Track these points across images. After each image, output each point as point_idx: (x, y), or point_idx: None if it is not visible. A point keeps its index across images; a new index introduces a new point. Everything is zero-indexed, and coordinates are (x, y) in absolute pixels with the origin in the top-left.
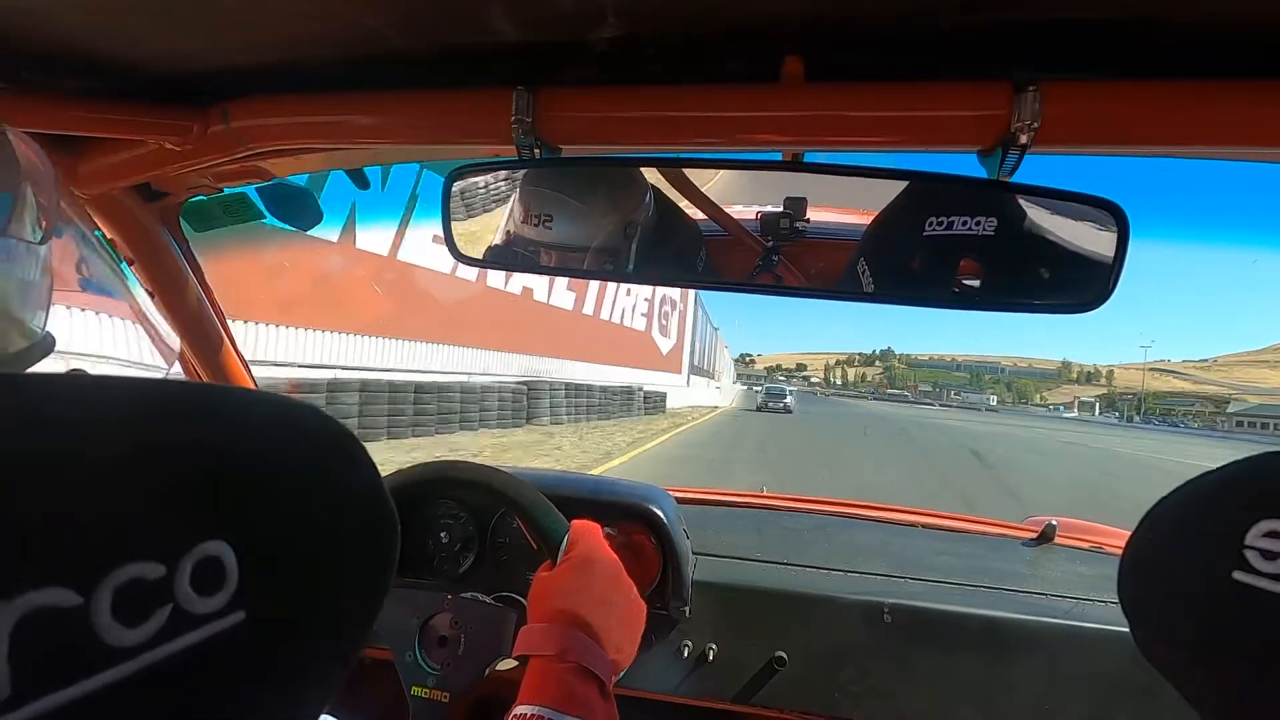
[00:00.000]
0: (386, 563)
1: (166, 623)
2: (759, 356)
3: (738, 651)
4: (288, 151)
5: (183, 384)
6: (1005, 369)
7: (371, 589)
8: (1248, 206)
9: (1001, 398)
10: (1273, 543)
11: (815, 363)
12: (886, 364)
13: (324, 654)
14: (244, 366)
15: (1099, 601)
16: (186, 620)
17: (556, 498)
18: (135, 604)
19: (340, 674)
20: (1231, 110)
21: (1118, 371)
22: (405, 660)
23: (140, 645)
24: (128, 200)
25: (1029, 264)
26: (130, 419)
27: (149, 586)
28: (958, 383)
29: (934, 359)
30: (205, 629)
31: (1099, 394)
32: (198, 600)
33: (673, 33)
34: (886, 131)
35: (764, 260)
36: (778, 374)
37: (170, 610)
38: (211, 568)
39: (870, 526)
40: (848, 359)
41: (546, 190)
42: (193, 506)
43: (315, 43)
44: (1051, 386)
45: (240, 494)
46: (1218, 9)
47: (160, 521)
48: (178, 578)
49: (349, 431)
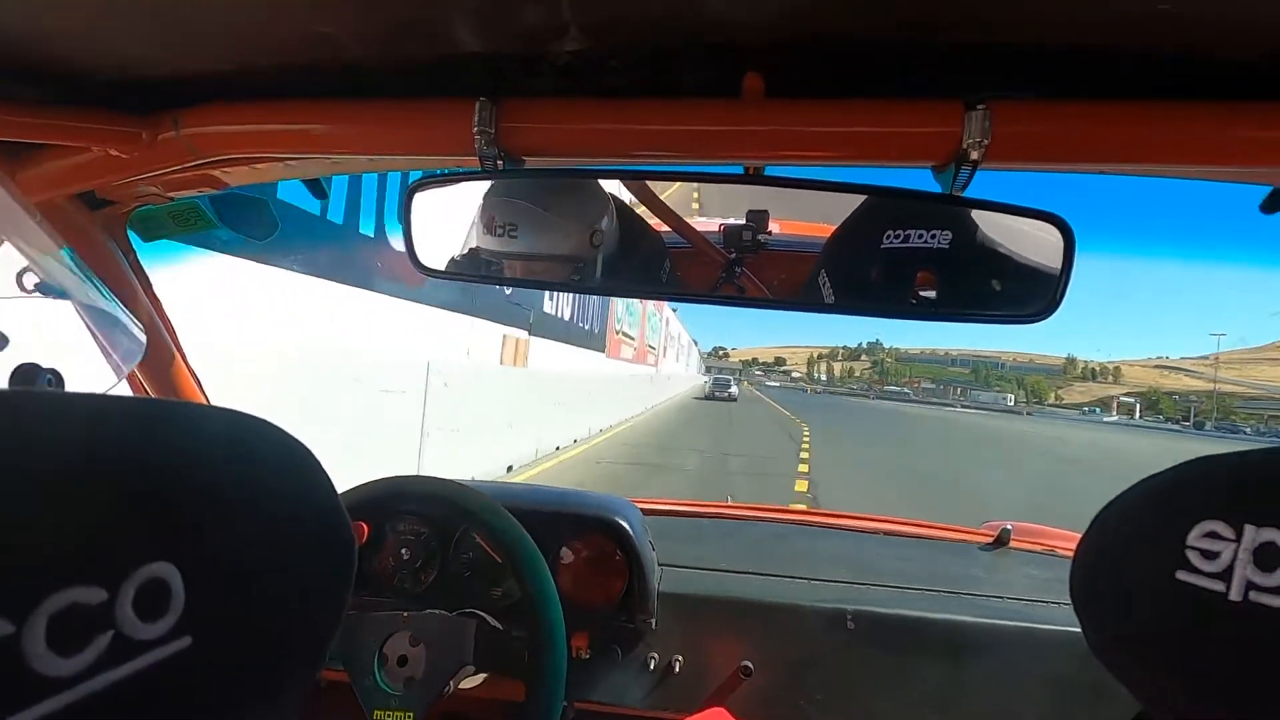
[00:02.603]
0: (343, 583)
1: (106, 650)
2: (733, 351)
3: (704, 662)
4: (242, 161)
5: (127, 399)
6: (1006, 364)
7: (327, 610)
8: (1189, 221)
9: (1015, 397)
10: (1212, 543)
11: (795, 357)
12: (875, 358)
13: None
14: (196, 382)
15: (1052, 603)
16: (129, 647)
17: (521, 510)
18: (72, 631)
19: (294, 699)
20: (1170, 130)
21: (1124, 369)
22: (364, 684)
23: (77, 675)
24: (70, 209)
25: (982, 276)
26: (69, 436)
27: (88, 612)
28: (960, 379)
29: (926, 353)
30: (149, 655)
31: (1119, 394)
32: (141, 626)
33: (636, 47)
34: (844, 147)
35: (727, 272)
36: (754, 369)
37: (111, 637)
38: (156, 591)
39: (833, 534)
40: (831, 353)
41: (510, 200)
42: (136, 527)
43: (271, 49)
44: (1061, 384)
45: (188, 514)
46: (1161, 33)
47: (101, 543)
48: (119, 602)
49: (305, 448)
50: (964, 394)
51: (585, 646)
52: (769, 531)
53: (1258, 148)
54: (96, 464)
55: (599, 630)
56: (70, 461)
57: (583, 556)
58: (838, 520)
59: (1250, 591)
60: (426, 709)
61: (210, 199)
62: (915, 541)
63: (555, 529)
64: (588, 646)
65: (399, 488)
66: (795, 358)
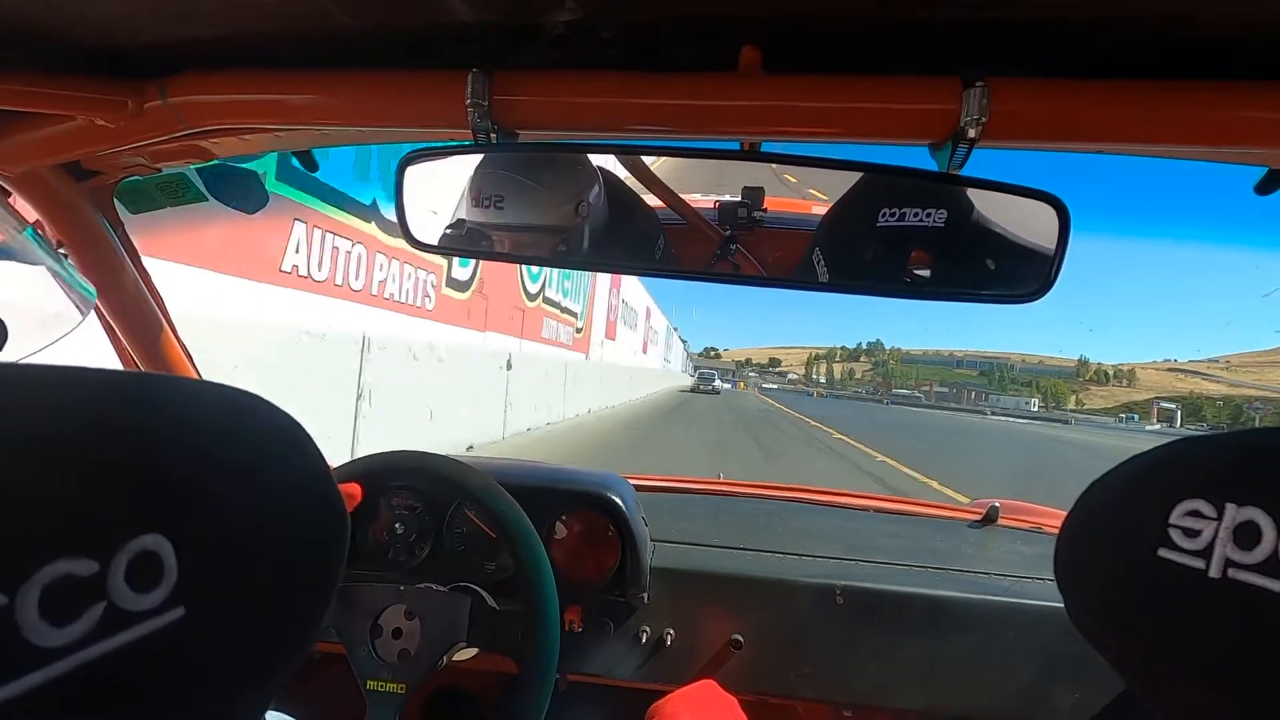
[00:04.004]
0: (336, 556)
1: (99, 621)
2: (725, 351)
3: (695, 636)
4: (230, 131)
5: (118, 372)
6: (1016, 365)
7: (321, 583)
8: (1190, 204)
9: (1038, 401)
10: (1194, 521)
11: (790, 358)
12: (876, 359)
13: (270, 651)
14: (186, 355)
15: (1037, 579)
16: (121, 618)
17: (515, 486)
18: (65, 602)
19: (287, 671)
20: (1167, 110)
21: (1138, 371)
22: (359, 654)
23: (70, 645)
24: (55, 179)
25: (976, 255)
26: (60, 408)
27: (80, 583)
28: (970, 381)
29: (930, 354)
30: (141, 627)
31: (1141, 398)
32: (133, 597)
33: (631, 18)
34: (840, 123)
35: (721, 249)
36: (748, 370)
37: (104, 608)
38: (148, 563)
39: (824, 511)
40: (828, 353)
41: (496, 171)
42: (128, 499)
43: (261, 17)
44: (1077, 387)
45: (179, 486)
46: (1159, 12)
47: (93, 515)
48: (111, 574)
49: (297, 422)
50: (981, 398)
51: (578, 620)
52: (760, 508)
53: (1255, 128)
54: (87, 437)
55: (592, 604)
56: (62, 434)
57: (576, 532)
58: (828, 497)
59: (1229, 569)
60: (420, 681)
61: (199, 171)
62: (904, 518)
63: (549, 505)
64: (580, 620)
65: (393, 462)
66: (790, 359)
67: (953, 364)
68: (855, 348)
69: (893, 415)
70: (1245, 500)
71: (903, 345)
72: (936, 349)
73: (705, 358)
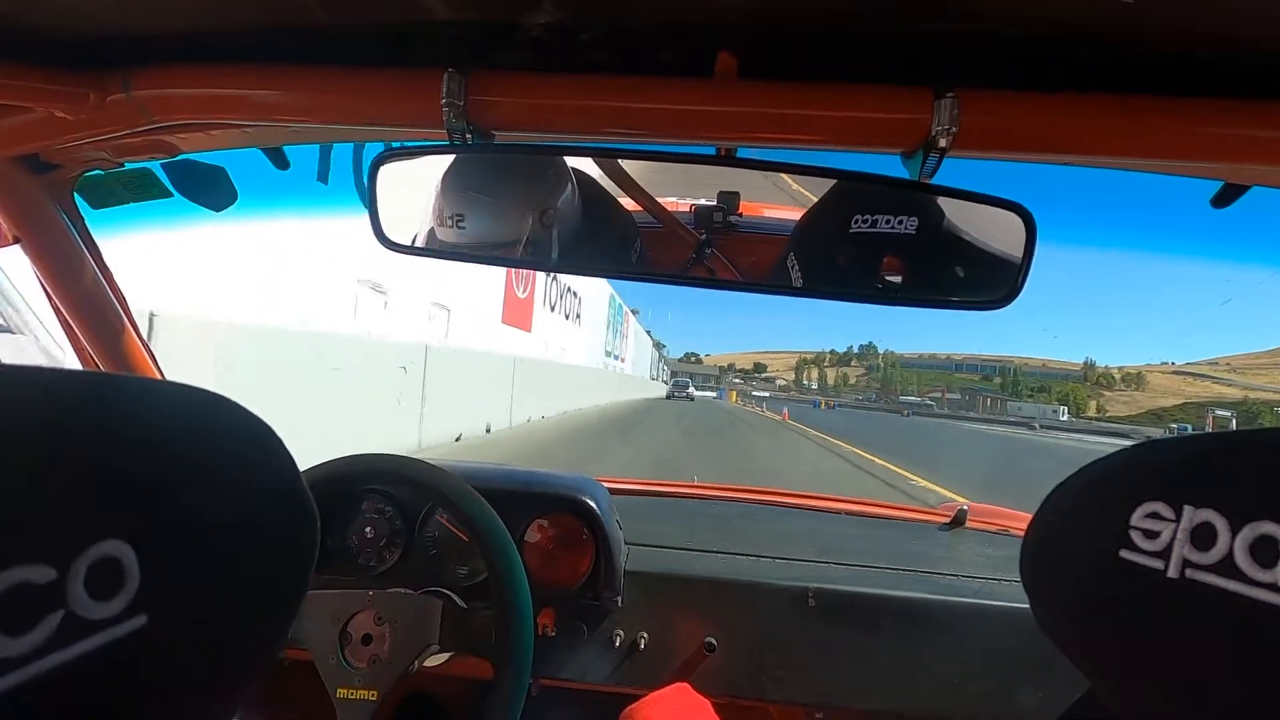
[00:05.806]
0: (305, 561)
1: (57, 630)
2: (707, 357)
3: (669, 639)
4: (197, 126)
5: (78, 373)
6: (1019, 369)
7: (290, 588)
8: (1152, 215)
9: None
10: (1153, 523)
11: (776, 362)
12: (868, 363)
13: (236, 659)
14: (149, 355)
15: (1004, 581)
16: (80, 626)
17: (488, 490)
18: (21, 611)
19: (253, 679)
20: (1130, 124)
21: (1146, 375)
22: (328, 663)
23: (26, 655)
24: (12, 172)
25: (946, 262)
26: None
27: (37, 591)
28: (978, 386)
29: (926, 357)
30: (101, 635)
31: (1175, 404)
32: (93, 605)
33: (609, 21)
34: (815, 130)
35: (697, 253)
36: (732, 376)
37: (61, 616)
38: (109, 569)
39: (797, 514)
40: (816, 358)
41: (456, 192)
42: (87, 504)
43: (230, 8)
44: (1091, 394)
45: (141, 489)
46: (1122, 29)
47: (50, 521)
48: (70, 581)
49: (265, 424)
50: (998, 405)
51: (551, 624)
52: (734, 511)
53: (1212, 143)
54: (45, 440)
55: (565, 608)
56: (18, 437)
57: (549, 535)
58: (801, 500)
59: (1187, 569)
60: (390, 687)
61: (164, 166)
62: (876, 521)
63: (522, 508)
64: (553, 624)
65: (365, 465)
66: (776, 363)
67: (951, 368)
68: (845, 351)
69: (932, 431)
70: (1202, 502)
71: (895, 348)
72: (932, 352)
73: (686, 362)
